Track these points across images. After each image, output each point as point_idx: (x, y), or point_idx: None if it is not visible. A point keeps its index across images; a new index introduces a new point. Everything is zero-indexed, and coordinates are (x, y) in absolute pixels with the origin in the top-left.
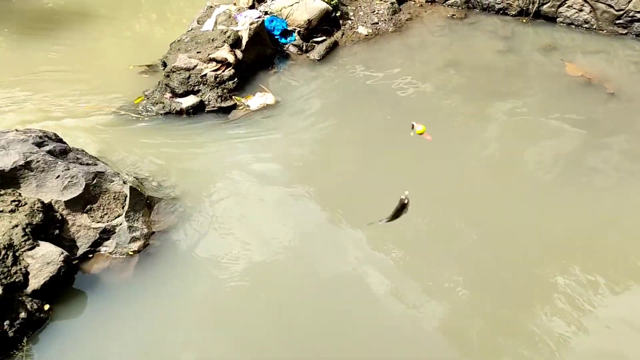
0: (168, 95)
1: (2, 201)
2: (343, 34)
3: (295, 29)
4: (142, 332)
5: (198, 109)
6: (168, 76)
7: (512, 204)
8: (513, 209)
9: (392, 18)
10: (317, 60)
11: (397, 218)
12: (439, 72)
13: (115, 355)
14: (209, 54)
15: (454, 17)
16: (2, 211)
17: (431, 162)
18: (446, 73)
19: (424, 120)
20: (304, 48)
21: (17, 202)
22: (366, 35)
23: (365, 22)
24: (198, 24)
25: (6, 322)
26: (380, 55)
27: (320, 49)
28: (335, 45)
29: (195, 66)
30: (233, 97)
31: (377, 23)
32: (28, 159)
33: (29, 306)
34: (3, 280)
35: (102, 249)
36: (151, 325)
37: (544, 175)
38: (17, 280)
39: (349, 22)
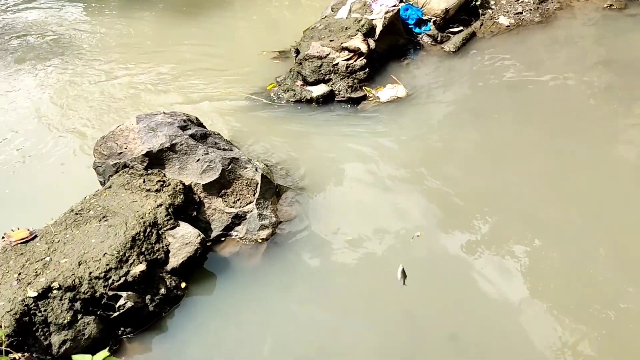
0: (299, 83)
1: (149, 180)
2: (482, 24)
3: (430, 19)
4: (267, 317)
5: (328, 99)
6: (300, 64)
7: None
8: None
9: (538, 7)
10: (452, 52)
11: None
12: (588, 70)
13: (239, 336)
14: (341, 43)
15: (612, 7)
16: (148, 190)
17: (571, 171)
18: (596, 71)
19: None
20: (439, 38)
21: (162, 183)
22: (507, 26)
23: (508, 12)
24: (332, 11)
25: (148, 297)
26: (521, 49)
27: (456, 40)
28: (472, 36)
29: (328, 54)
30: (363, 87)
31: (521, 13)
32: (173, 142)
33: (168, 283)
34: (147, 257)
35: (233, 233)
36: (275, 311)
37: None
38: (159, 257)
39: (490, 11)
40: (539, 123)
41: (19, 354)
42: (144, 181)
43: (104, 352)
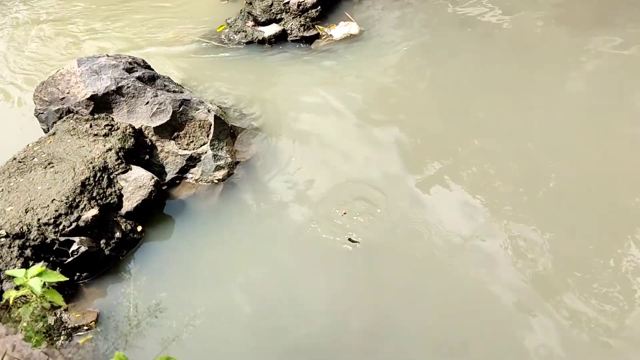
0: (250, 23)
1: (96, 125)
2: None
3: None
4: (225, 258)
5: (280, 38)
6: (250, 3)
7: (614, 152)
8: (614, 159)
9: None
10: None
11: None
12: (544, 3)
13: (199, 274)
14: None
15: None
16: (96, 135)
17: (524, 103)
18: (552, 4)
19: (523, 58)
20: None
21: (110, 127)
22: None
23: None
24: None
25: (102, 241)
26: None
27: None
28: None
29: None
30: (316, 26)
31: None
32: (119, 85)
33: (123, 227)
34: (99, 201)
35: (189, 176)
36: (233, 251)
37: None
38: (111, 201)
39: None
40: (496, 58)
41: None
42: (91, 126)
43: (38, 266)
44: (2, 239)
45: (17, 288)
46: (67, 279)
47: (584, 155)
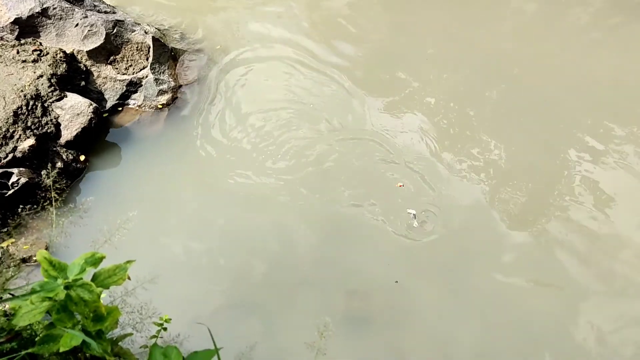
0: None
1: (24, 51)
2: None
3: None
4: (172, 182)
5: None
6: None
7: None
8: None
9: None
10: None
11: None
12: None
13: (146, 199)
14: None
15: None
16: (25, 61)
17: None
18: None
19: None
20: None
21: (39, 52)
22: None
23: None
24: None
25: (44, 172)
26: None
27: None
28: None
29: None
30: None
31: None
32: (45, 6)
33: (64, 156)
34: (35, 131)
35: (131, 102)
36: (180, 176)
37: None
38: (49, 131)
39: None
40: None
41: None
42: (18, 52)
43: None
44: None
45: None
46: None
47: None
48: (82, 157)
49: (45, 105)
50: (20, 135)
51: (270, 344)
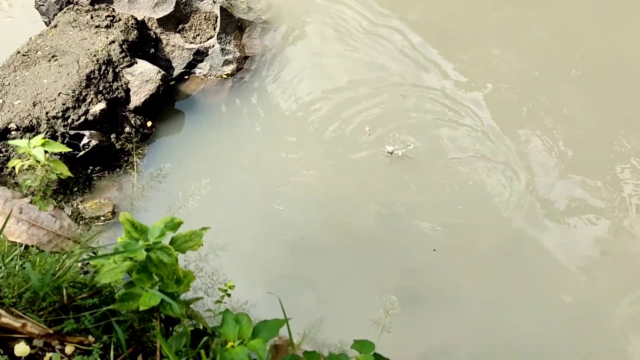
0: None
1: (97, 16)
2: None
3: None
4: (236, 152)
5: None
6: None
7: None
8: None
9: None
10: None
11: None
12: None
13: (209, 165)
14: None
15: None
16: (98, 26)
17: None
18: None
19: None
20: None
21: (111, 18)
22: None
23: None
24: None
25: (113, 136)
26: None
27: None
28: None
29: None
30: None
31: None
32: None
33: (132, 121)
34: (106, 95)
35: (197, 71)
36: (244, 145)
37: None
38: (119, 95)
39: None
40: None
41: None
42: (92, 17)
43: (40, 136)
44: (13, 132)
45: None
46: (70, 149)
47: None
48: (149, 123)
49: (116, 70)
50: (92, 98)
51: (330, 318)
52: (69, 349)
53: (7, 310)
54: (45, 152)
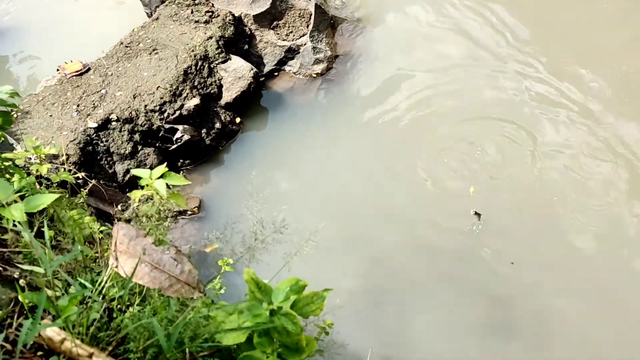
0: None
1: (197, 11)
2: None
3: None
4: (323, 153)
5: None
6: None
7: None
8: None
9: None
10: None
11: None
12: None
13: (293, 169)
14: None
15: None
16: (197, 21)
17: None
18: None
19: None
20: None
21: (210, 13)
22: None
23: None
24: None
25: (203, 131)
26: None
27: None
28: None
29: None
30: None
31: None
32: None
33: (222, 117)
34: (200, 91)
35: (287, 68)
36: (328, 144)
37: None
38: (212, 91)
39: None
40: None
41: (83, 174)
42: (192, 12)
43: (162, 167)
44: (114, 123)
45: (141, 187)
46: (189, 182)
47: None
48: (238, 120)
49: (212, 66)
50: (187, 93)
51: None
52: None
53: None
54: (168, 186)
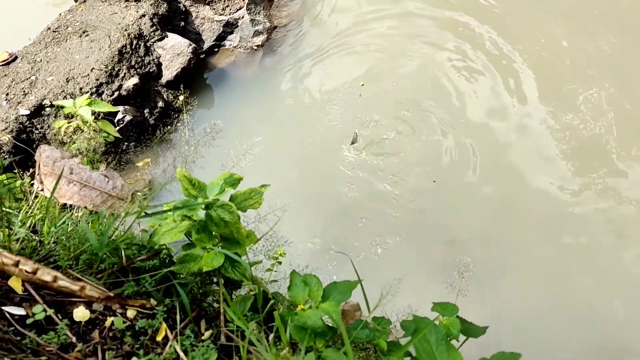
0: None
1: None
2: None
3: None
4: (264, 121)
5: None
6: None
7: None
8: None
9: None
10: None
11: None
12: None
13: (240, 139)
14: None
15: None
16: (127, 0)
17: None
18: None
19: None
20: None
21: None
22: None
23: None
24: None
25: (146, 111)
26: None
27: None
28: None
29: None
30: None
31: None
32: None
33: (165, 96)
34: (138, 70)
35: (227, 43)
36: (272, 115)
37: None
38: (151, 70)
39: None
40: None
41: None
42: None
43: (86, 96)
44: (47, 109)
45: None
46: (117, 109)
47: None
48: (182, 97)
49: (148, 44)
50: (124, 73)
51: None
52: (130, 313)
53: (64, 272)
54: (92, 112)
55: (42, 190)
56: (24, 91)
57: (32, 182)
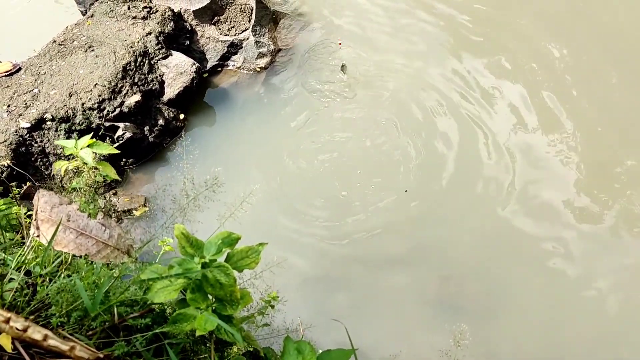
0: None
1: (134, 7)
2: None
3: None
4: (269, 146)
5: None
6: None
7: None
8: None
9: None
10: None
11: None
12: None
13: (239, 160)
14: None
15: None
16: (135, 17)
17: None
18: None
19: None
20: None
21: (148, 9)
22: None
23: None
24: None
25: (146, 128)
26: None
27: None
28: None
29: None
30: None
31: None
32: None
33: (166, 114)
34: (141, 87)
35: (230, 63)
36: (274, 138)
37: None
38: (153, 88)
39: None
40: None
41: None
42: (129, 8)
43: (88, 137)
44: (49, 122)
45: (67, 159)
46: (119, 151)
47: None
48: (182, 116)
49: (152, 62)
50: (127, 90)
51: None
52: None
53: (54, 332)
54: (94, 154)
55: (38, 236)
56: (26, 103)
57: (28, 212)
